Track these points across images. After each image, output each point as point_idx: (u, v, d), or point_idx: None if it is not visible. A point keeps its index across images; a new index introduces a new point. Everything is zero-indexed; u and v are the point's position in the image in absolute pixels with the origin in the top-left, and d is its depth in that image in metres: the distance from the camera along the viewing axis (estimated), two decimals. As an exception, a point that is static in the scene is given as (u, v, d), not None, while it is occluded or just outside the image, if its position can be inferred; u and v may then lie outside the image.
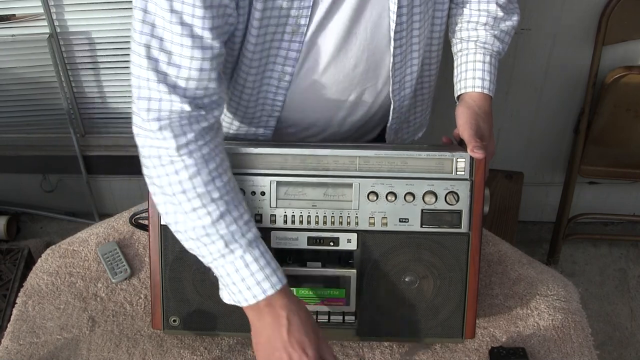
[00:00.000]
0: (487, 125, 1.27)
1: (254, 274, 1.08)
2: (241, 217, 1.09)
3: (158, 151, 1.07)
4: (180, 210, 1.08)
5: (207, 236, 1.07)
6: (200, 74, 1.06)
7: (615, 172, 2.33)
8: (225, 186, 1.09)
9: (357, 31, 1.21)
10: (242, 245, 1.08)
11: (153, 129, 1.06)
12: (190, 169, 1.06)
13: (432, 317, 1.22)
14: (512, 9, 1.36)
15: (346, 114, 1.34)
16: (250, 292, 1.08)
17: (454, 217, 1.19)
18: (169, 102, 1.06)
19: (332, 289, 1.20)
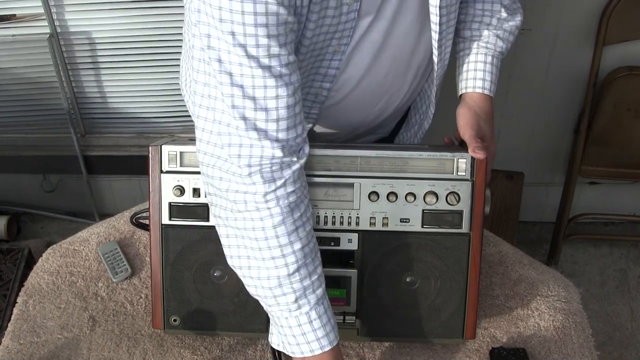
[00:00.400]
0: (488, 126, 1.27)
1: (315, 330, 1.07)
2: (315, 270, 1.08)
3: (244, 196, 1.04)
4: (258, 256, 1.06)
5: (279, 287, 1.06)
6: (287, 111, 1.03)
7: (616, 172, 2.33)
8: (307, 236, 1.07)
9: (390, 43, 1.22)
10: (311, 303, 1.07)
11: (243, 174, 1.03)
12: (275, 217, 1.04)
13: (432, 318, 1.22)
14: (516, 9, 1.36)
15: (373, 119, 1.36)
16: (308, 347, 1.07)
17: (455, 218, 1.19)
18: (259, 148, 1.02)
19: (332, 289, 1.20)
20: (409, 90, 1.35)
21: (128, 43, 2.20)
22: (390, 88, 1.31)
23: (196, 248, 1.20)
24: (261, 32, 0.98)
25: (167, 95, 2.30)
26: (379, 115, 1.36)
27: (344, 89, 1.27)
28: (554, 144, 2.45)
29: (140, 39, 2.18)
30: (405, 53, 1.26)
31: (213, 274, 1.20)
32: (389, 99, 1.34)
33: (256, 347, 1.27)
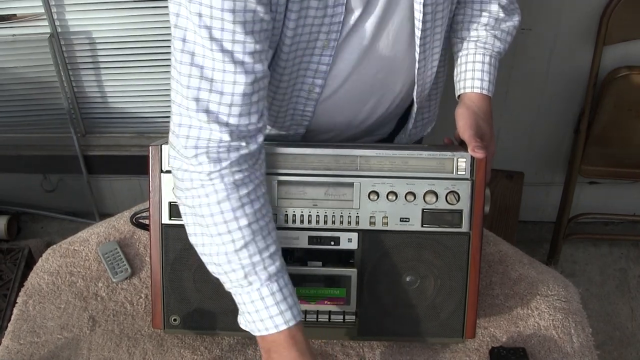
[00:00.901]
0: (488, 125, 1.27)
1: (268, 307, 1.06)
2: (267, 248, 1.07)
3: (190, 175, 1.06)
4: (207, 233, 1.07)
5: (229, 263, 1.07)
6: (242, 98, 1.05)
7: (616, 172, 2.33)
8: (256, 214, 1.07)
9: (379, 40, 1.22)
10: (261, 279, 1.07)
11: (189, 156, 1.06)
12: (220, 193, 1.05)
13: (432, 317, 1.22)
14: (513, 9, 1.36)
15: (365, 117, 1.36)
16: (262, 324, 1.07)
17: (454, 217, 1.19)
18: (208, 130, 1.05)
19: (332, 289, 1.20)
20: (401, 93, 1.35)
21: (128, 43, 2.20)
22: (381, 88, 1.30)
23: (196, 247, 1.20)
24: (227, 17, 1.00)
25: (167, 95, 2.28)
26: (369, 114, 1.36)
27: (332, 84, 1.26)
28: (554, 144, 2.45)
29: (140, 39, 2.18)
30: (396, 53, 1.25)
31: (213, 273, 1.20)
32: (380, 99, 1.33)
33: (256, 347, 1.27)
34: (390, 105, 1.36)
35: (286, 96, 1.26)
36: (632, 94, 2.12)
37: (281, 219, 1.20)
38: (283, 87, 1.24)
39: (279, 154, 1.18)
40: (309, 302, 1.21)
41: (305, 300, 1.20)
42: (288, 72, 1.21)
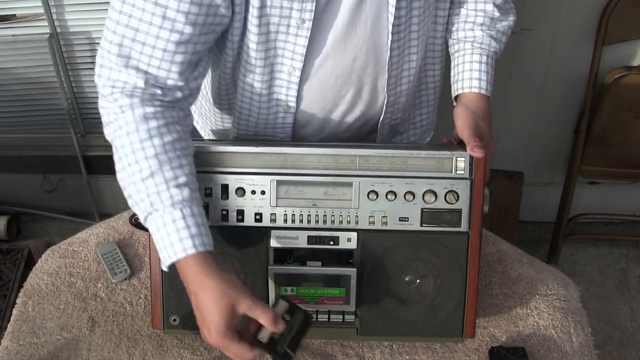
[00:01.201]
0: (487, 125, 1.27)
1: (169, 234, 1.07)
2: (175, 179, 1.09)
3: (108, 110, 1.12)
4: (121, 166, 1.11)
5: (138, 193, 1.09)
6: (164, 54, 1.10)
7: (616, 172, 2.33)
8: (165, 146, 1.09)
9: (357, 24, 1.21)
10: (165, 206, 1.08)
11: (106, 94, 1.12)
12: (130, 125, 1.09)
13: (432, 317, 1.22)
14: (508, 9, 1.36)
15: (345, 110, 1.34)
16: (166, 252, 1.07)
17: (453, 216, 1.19)
18: (125, 74, 1.10)
19: (332, 288, 1.20)
20: (383, 90, 1.32)
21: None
22: (360, 77, 1.28)
23: (195, 247, 1.20)
24: None
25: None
26: (349, 107, 1.33)
27: (308, 68, 1.25)
28: (554, 144, 2.45)
29: (140, 39, 2.18)
30: (377, 42, 1.24)
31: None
32: (360, 90, 1.31)
33: (256, 347, 1.27)
34: (371, 101, 1.34)
35: (265, 77, 1.25)
36: (631, 94, 2.12)
37: (280, 218, 1.20)
38: (259, 72, 1.24)
39: (278, 153, 1.18)
40: (309, 301, 1.21)
41: (304, 300, 1.20)
42: (262, 56, 1.21)
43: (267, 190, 1.18)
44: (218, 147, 1.19)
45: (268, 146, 1.19)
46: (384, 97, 1.33)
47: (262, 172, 1.18)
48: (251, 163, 1.18)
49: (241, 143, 1.22)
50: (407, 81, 1.33)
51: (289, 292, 1.20)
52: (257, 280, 1.21)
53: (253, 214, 1.19)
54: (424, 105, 1.47)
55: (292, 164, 1.18)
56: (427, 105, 1.48)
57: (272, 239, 1.20)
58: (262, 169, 1.18)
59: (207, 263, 1.07)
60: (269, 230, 1.20)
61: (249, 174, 1.18)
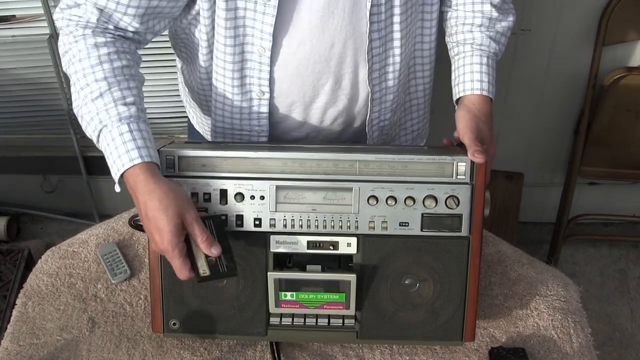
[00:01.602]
0: (488, 128, 1.27)
1: (117, 147, 1.12)
2: (123, 98, 1.15)
3: (62, 44, 1.20)
4: (74, 90, 1.18)
5: (89, 113, 1.15)
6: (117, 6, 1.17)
7: (616, 173, 2.33)
8: (114, 70, 1.16)
9: (335, 9, 1.21)
10: (112, 121, 1.13)
11: (62, 26, 1.20)
12: (81, 52, 1.17)
13: (431, 321, 1.22)
14: (507, 9, 1.35)
15: (326, 101, 1.33)
16: (115, 165, 1.13)
17: (454, 221, 1.18)
18: (83, 11, 1.18)
19: (331, 293, 1.19)
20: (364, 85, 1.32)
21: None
22: (339, 66, 1.28)
23: (195, 251, 1.20)
24: None
25: (166, 96, 2.30)
26: (331, 99, 1.32)
27: (284, 51, 1.25)
28: (554, 145, 2.45)
29: (140, 39, 2.18)
30: (356, 31, 1.24)
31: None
32: (340, 80, 1.30)
33: (255, 348, 1.27)
34: (353, 94, 1.33)
35: (236, 58, 1.26)
36: (631, 94, 2.12)
37: (280, 223, 1.19)
38: (230, 52, 1.24)
39: (278, 158, 1.18)
40: (308, 306, 1.20)
41: (304, 305, 1.20)
42: (231, 34, 1.22)
43: (267, 195, 1.18)
44: (217, 152, 1.19)
45: (267, 151, 1.19)
46: (368, 92, 1.32)
47: (262, 177, 1.17)
48: (250, 168, 1.17)
49: (241, 148, 1.21)
50: (393, 77, 1.33)
51: (289, 297, 1.20)
52: (256, 285, 1.21)
53: (252, 219, 1.19)
54: (414, 110, 1.47)
55: (291, 169, 1.17)
56: (417, 110, 1.47)
57: (272, 244, 1.20)
58: (262, 173, 1.18)
59: (155, 172, 1.12)
60: (269, 235, 1.19)
61: (248, 179, 1.17)
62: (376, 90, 1.32)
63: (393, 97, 1.35)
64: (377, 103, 1.34)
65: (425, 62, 1.38)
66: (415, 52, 1.36)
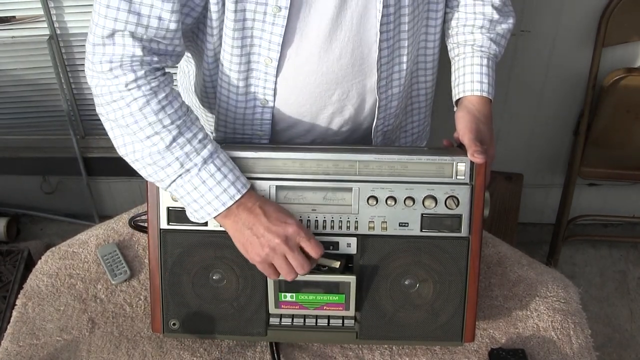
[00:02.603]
0: (488, 129, 1.27)
1: (211, 189, 1.13)
2: (195, 136, 1.14)
3: (109, 89, 1.13)
4: (136, 139, 1.14)
5: (163, 159, 1.13)
6: (159, 22, 1.12)
7: (615, 174, 2.33)
8: (177, 112, 1.14)
9: (343, 21, 1.20)
10: (198, 164, 1.13)
11: (104, 70, 1.13)
12: (139, 100, 1.12)
13: (431, 321, 1.22)
14: (507, 11, 1.35)
15: (333, 111, 1.33)
16: (211, 207, 1.13)
17: (454, 222, 1.18)
18: (121, 46, 1.12)
19: (331, 294, 1.19)
20: (375, 92, 1.32)
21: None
22: (347, 77, 1.28)
23: (194, 252, 1.20)
24: None
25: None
26: (338, 109, 1.32)
27: (292, 63, 1.24)
28: (554, 146, 2.45)
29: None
30: (364, 41, 1.24)
31: (212, 278, 1.20)
32: (348, 91, 1.30)
33: (255, 349, 1.27)
34: (360, 104, 1.33)
35: (241, 67, 1.25)
36: (631, 95, 2.12)
37: None
38: (236, 62, 1.24)
39: (278, 158, 1.18)
40: (308, 307, 1.20)
41: (304, 306, 1.20)
42: (238, 45, 1.21)
43: (267, 195, 1.18)
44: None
45: (268, 151, 1.19)
46: (374, 100, 1.32)
47: (262, 177, 1.18)
48: (251, 168, 1.18)
49: (241, 148, 1.21)
50: (398, 84, 1.33)
51: (288, 298, 1.20)
52: (256, 285, 1.21)
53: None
54: (415, 113, 1.46)
55: (291, 169, 1.18)
56: (418, 113, 1.47)
57: None
58: (262, 174, 1.18)
59: (257, 195, 1.16)
60: None
61: (249, 179, 1.17)
62: (382, 97, 1.32)
63: (397, 102, 1.36)
64: (382, 110, 1.34)
65: (428, 67, 1.38)
66: (419, 57, 1.36)
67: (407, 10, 1.23)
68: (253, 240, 1.13)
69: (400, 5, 1.22)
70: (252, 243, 1.13)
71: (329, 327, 1.22)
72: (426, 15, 1.30)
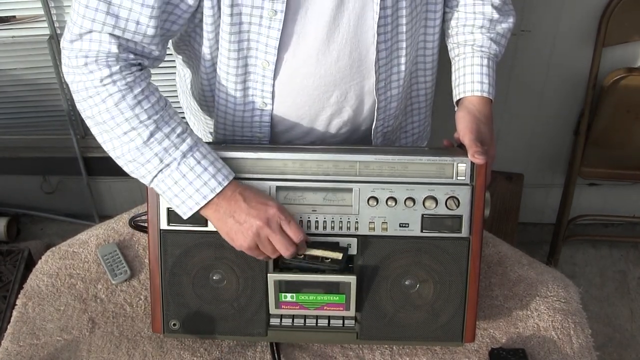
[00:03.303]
0: (488, 129, 1.27)
1: (192, 182, 1.13)
2: (173, 131, 1.14)
3: (85, 84, 1.13)
4: (114, 135, 1.14)
5: (142, 155, 1.13)
6: (137, 27, 1.11)
7: (615, 174, 2.33)
8: (154, 106, 1.14)
9: (340, 23, 1.20)
10: (177, 158, 1.13)
11: (80, 65, 1.12)
12: (115, 96, 1.12)
13: (431, 321, 1.22)
14: (508, 10, 1.35)
15: (332, 113, 1.32)
16: (192, 200, 1.13)
17: (454, 222, 1.18)
18: (97, 42, 1.11)
19: (332, 294, 1.19)
20: (373, 94, 1.31)
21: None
22: (345, 79, 1.27)
23: (195, 253, 1.20)
24: None
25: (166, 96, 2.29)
26: (336, 111, 1.32)
27: (290, 65, 1.24)
28: (554, 146, 2.45)
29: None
30: (361, 43, 1.23)
31: (212, 278, 1.20)
32: (346, 93, 1.29)
33: (256, 349, 1.27)
34: (358, 106, 1.33)
35: (239, 70, 1.25)
36: (631, 95, 2.12)
37: None
38: (233, 65, 1.23)
39: (278, 159, 1.18)
40: (308, 308, 1.20)
41: (304, 306, 1.20)
42: (235, 47, 1.21)
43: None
44: (219, 153, 1.19)
45: (268, 152, 1.19)
46: (373, 102, 1.32)
47: (262, 178, 1.18)
48: (251, 169, 1.18)
49: (241, 148, 1.22)
50: (397, 85, 1.32)
51: (289, 298, 1.20)
52: (256, 286, 1.21)
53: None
54: (415, 113, 1.46)
55: (292, 170, 1.18)
56: (418, 113, 1.46)
57: None
58: (262, 174, 1.18)
59: (238, 185, 1.15)
60: None
61: (249, 179, 1.17)
62: (382, 99, 1.32)
63: (397, 104, 1.35)
64: (382, 112, 1.34)
65: (428, 68, 1.38)
66: (418, 58, 1.36)
67: (405, 12, 1.23)
68: (236, 228, 1.13)
69: (397, 7, 1.22)
70: (236, 231, 1.13)
71: (329, 327, 1.22)
72: (425, 15, 1.30)
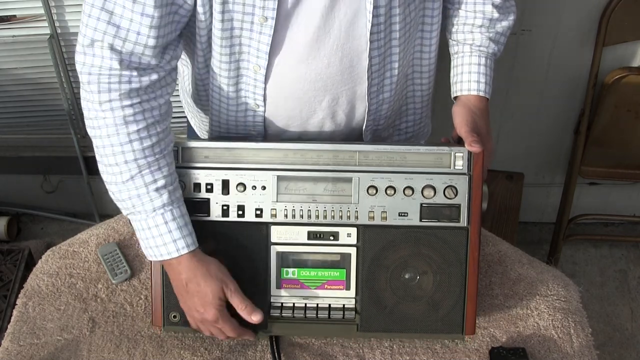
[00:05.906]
0: (484, 123, 1.28)
1: (154, 237, 1.15)
2: (154, 182, 1.14)
3: (87, 104, 1.14)
4: (103, 162, 1.16)
5: (119, 192, 1.16)
6: (138, 37, 1.11)
7: (616, 173, 2.33)
8: (144, 150, 1.13)
9: (331, 29, 1.20)
10: (147, 211, 1.14)
11: (84, 82, 1.13)
12: (109, 127, 1.12)
13: (432, 313, 1.22)
14: (509, 6, 1.35)
15: (323, 117, 1.32)
16: (151, 251, 1.17)
17: (452, 211, 1.20)
18: (100, 57, 1.11)
19: (331, 270, 1.20)
20: (361, 99, 1.31)
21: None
22: (336, 84, 1.27)
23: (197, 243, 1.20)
24: None
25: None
26: (328, 115, 1.31)
27: (280, 70, 1.23)
28: (554, 145, 2.45)
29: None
30: (353, 49, 1.23)
31: None
32: (337, 98, 1.29)
33: (256, 348, 1.27)
34: (350, 110, 1.32)
35: (231, 73, 1.25)
36: (632, 94, 2.12)
37: (281, 214, 1.20)
38: (225, 69, 1.23)
39: (279, 149, 1.20)
40: (310, 286, 1.21)
41: (305, 285, 1.21)
42: (227, 52, 1.21)
43: (268, 186, 1.20)
44: (219, 143, 1.22)
45: (269, 142, 1.21)
46: (365, 105, 1.32)
47: (263, 168, 1.19)
48: (252, 159, 1.20)
49: (242, 139, 1.23)
50: (390, 89, 1.32)
51: (290, 274, 1.22)
52: (257, 276, 1.22)
53: (254, 210, 1.20)
54: (410, 113, 1.46)
55: (292, 160, 1.20)
56: (413, 113, 1.46)
57: (273, 234, 1.21)
58: (263, 164, 1.20)
59: (193, 259, 1.16)
60: (270, 225, 1.21)
61: (250, 169, 1.19)
62: (373, 102, 1.32)
63: (389, 106, 1.36)
64: (372, 113, 1.34)
65: (424, 70, 1.38)
66: (414, 61, 1.35)
67: (399, 19, 1.22)
68: (186, 299, 1.18)
69: (391, 14, 1.21)
70: (184, 302, 1.19)
71: (329, 319, 1.23)
72: (421, 20, 1.30)
